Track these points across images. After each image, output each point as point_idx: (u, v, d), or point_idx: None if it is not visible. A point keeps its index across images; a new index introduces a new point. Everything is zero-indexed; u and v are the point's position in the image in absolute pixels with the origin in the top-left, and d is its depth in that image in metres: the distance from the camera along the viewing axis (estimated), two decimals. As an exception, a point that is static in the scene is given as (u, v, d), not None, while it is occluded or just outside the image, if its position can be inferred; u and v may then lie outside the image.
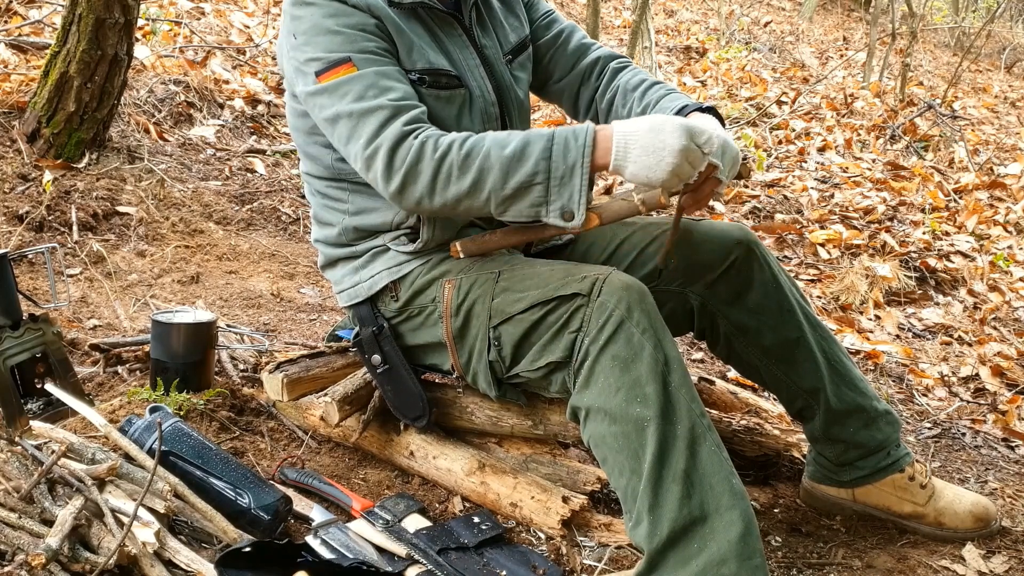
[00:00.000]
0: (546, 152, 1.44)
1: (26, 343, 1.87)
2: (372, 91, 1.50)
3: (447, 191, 1.48)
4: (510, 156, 1.44)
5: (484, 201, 1.48)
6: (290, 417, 2.01)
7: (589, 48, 1.88)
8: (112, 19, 3.23)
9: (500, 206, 1.48)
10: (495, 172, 1.45)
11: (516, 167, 1.44)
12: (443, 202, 1.49)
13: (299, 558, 1.50)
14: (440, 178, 1.47)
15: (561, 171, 1.44)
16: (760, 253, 1.78)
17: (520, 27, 1.83)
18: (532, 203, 1.47)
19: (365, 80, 1.51)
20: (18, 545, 1.36)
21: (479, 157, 1.45)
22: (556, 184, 1.44)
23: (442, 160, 1.46)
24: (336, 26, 1.53)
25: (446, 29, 1.68)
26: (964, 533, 1.83)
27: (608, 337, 1.44)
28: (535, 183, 1.45)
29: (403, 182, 1.49)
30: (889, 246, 3.86)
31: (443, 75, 1.63)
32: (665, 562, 1.38)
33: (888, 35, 8.58)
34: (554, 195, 1.45)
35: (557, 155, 1.44)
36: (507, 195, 1.46)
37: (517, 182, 1.45)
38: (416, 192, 1.49)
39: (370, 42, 1.54)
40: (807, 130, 6.07)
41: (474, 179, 1.46)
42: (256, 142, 4.27)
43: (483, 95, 1.69)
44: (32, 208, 3.02)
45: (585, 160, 1.43)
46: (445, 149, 1.46)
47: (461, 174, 1.46)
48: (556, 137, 1.45)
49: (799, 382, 1.80)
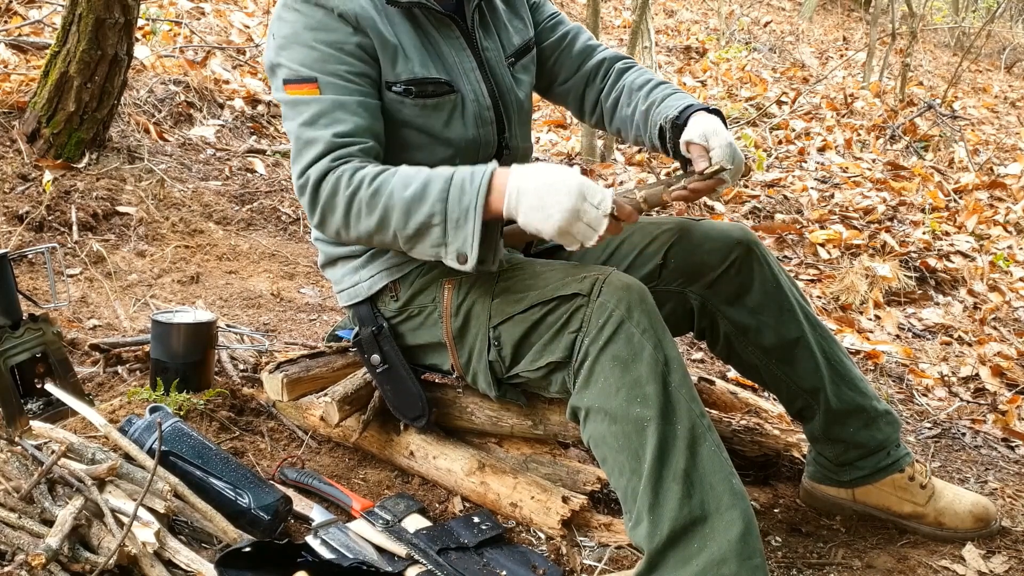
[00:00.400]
0: (443, 194, 1.44)
1: (26, 343, 1.87)
2: (323, 119, 1.52)
3: (359, 226, 1.51)
4: (410, 198, 1.45)
5: (392, 238, 1.50)
6: (290, 417, 2.01)
7: (595, 50, 1.89)
8: (112, 19, 3.23)
9: (406, 244, 1.50)
10: (397, 211, 1.46)
11: (416, 208, 1.45)
12: (358, 235, 1.53)
13: (299, 558, 1.50)
14: (352, 213, 1.50)
15: (456, 214, 1.44)
16: (760, 253, 1.78)
17: (524, 29, 1.82)
18: (432, 243, 1.47)
19: (321, 106, 1.53)
20: (18, 545, 1.36)
21: (384, 196, 1.47)
22: (452, 226, 1.44)
23: (353, 196, 1.49)
24: (313, 41, 1.54)
25: (443, 31, 1.67)
26: (964, 533, 1.83)
27: (608, 337, 1.44)
28: (433, 224, 1.45)
29: (322, 215, 1.53)
30: (889, 246, 3.86)
31: (430, 83, 1.62)
32: (665, 562, 1.38)
33: (888, 35, 8.59)
34: (451, 237, 1.45)
35: (453, 198, 1.44)
36: (409, 234, 1.48)
37: (417, 223, 1.46)
38: (334, 224, 1.53)
39: (342, 64, 1.55)
40: (807, 130, 6.07)
41: (380, 216, 1.48)
42: (256, 142, 4.27)
43: (477, 99, 1.68)
44: (32, 208, 3.02)
45: (478, 204, 1.42)
46: (356, 186, 1.48)
47: (369, 212, 1.48)
48: (455, 179, 1.45)
49: (799, 382, 1.80)
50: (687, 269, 1.78)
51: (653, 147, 1.74)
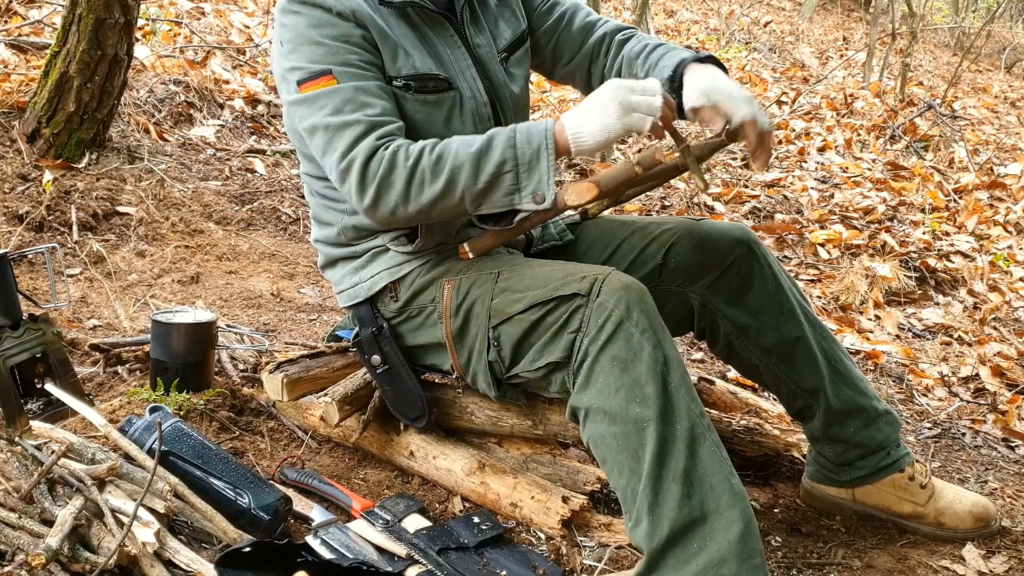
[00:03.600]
0: (511, 141, 1.49)
1: (26, 343, 1.87)
2: (349, 106, 1.52)
3: (422, 196, 1.51)
4: (477, 152, 1.49)
5: (459, 199, 1.51)
6: (290, 417, 2.01)
7: (595, 25, 1.87)
8: (112, 19, 3.23)
9: (474, 201, 1.52)
10: (466, 169, 1.49)
11: (485, 160, 1.49)
12: (418, 207, 1.52)
13: (299, 558, 1.50)
14: (414, 184, 1.50)
15: (528, 156, 1.48)
16: (760, 253, 1.78)
17: (516, 21, 1.82)
18: (505, 192, 1.50)
19: (343, 94, 1.53)
20: (18, 545, 1.36)
21: (449, 158, 1.50)
22: (525, 169, 1.49)
23: (415, 166, 1.50)
24: (320, 37, 1.54)
25: (437, 29, 1.67)
26: (964, 533, 1.83)
27: (607, 337, 1.44)
28: (505, 172, 1.49)
29: (376, 193, 1.52)
30: (889, 246, 3.86)
31: (430, 79, 1.63)
32: (665, 562, 1.38)
33: (888, 35, 8.58)
34: (524, 180, 1.49)
35: (522, 142, 1.49)
36: (480, 189, 1.50)
37: (488, 174, 1.49)
38: (390, 201, 1.52)
39: (352, 54, 1.55)
40: (807, 130, 6.07)
41: (447, 179, 1.49)
42: (256, 142, 4.27)
43: (474, 96, 1.68)
44: (32, 208, 3.02)
45: (548, 142, 1.48)
46: (417, 156, 1.50)
47: (434, 177, 1.49)
48: (519, 128, 1.51)
49: (799, 382, 1.80)
50: (687, 269, 1.78)
51: None
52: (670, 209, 4.20)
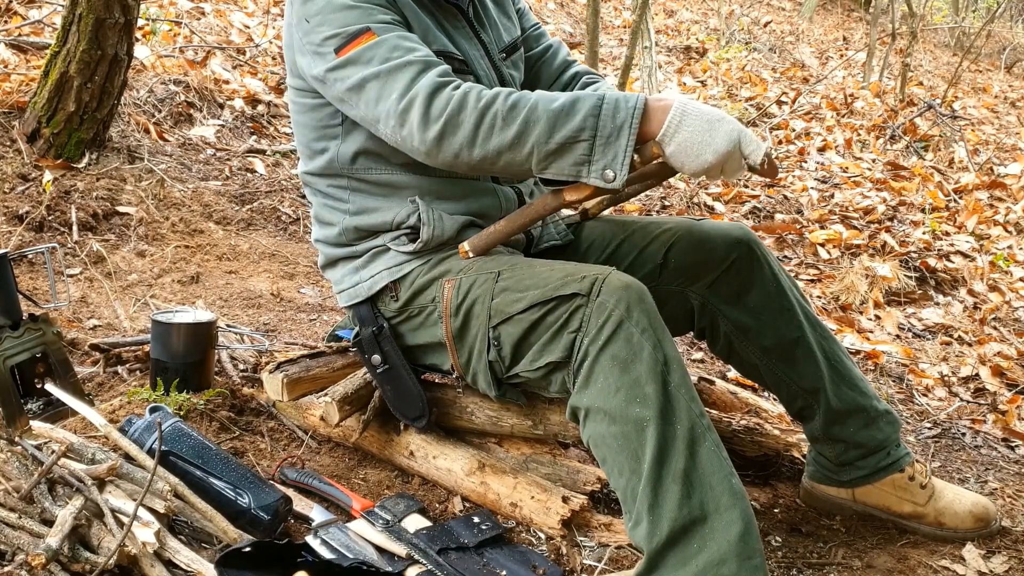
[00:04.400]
0: (596, 110, 1.42)
1: (26, 343, 1.87)
2: (398, 52, 1.48)
3: (489, 142, 1.45)
4: (558, 110, 1.42)
5: (527, 155, 1.44)
6: (290, 417, 2.01)
7: (571, 64, 1.95)
8: (112, 19, 3.23)
9: (542, 162, 1.45)
10: (541, 124, 1.42)
11: (563, 121, 1.42)
12: (483, 154, 1.46)
13: (299, 558, 1.50)
14: (483, 128, 1.44)
15: (609, 129, 1.41)
16: (760, 253, 1.78)
17: (512, 28, 1.86)
18: (575, 160, 1.43)
19: (389, 43, 1.49)
20: (18, 545, 1.36)
21: (526, 109, 1.43)
22: (602, 142, 1.41)
23: (487, 109, 1.44)
24: (351, 1, 1.53)
25: (451, 20, 1.71)
26: (964, 533, 1.83)
27: (607, 337, 1.44)
28: (581, 139, 1.42)
29: (442, 131, 1.45)
30: (889, 246, 3.86)
31: (455, 59, 1.65)
32: (665, 562, 1.38)
33: (888, 35, 8.58)
34: (598, 153, 1.42)
35: (606, 114, 1.42)
36: (551, 150, 1.43)
37: (563, 136, 1.42)
38: (456, 143, 1.46)
39: (386, 14, 1.54)
40: (807, 130, 6.07)
41: (519, 130, 1.43)
42: (256, 142, 4.27)
43: (491, 84, 1.71)
44: (32, 208, 3.02)
45: (634, 122, 1.41)
46: (490, 99, 1.44)
47: (506, 124, 1.43)
48: (607, 97, 1.43)
49: (799, 382, 1.80)
50: (687, 269, 1.78)
51: None
52: (670, 209, 4.20)
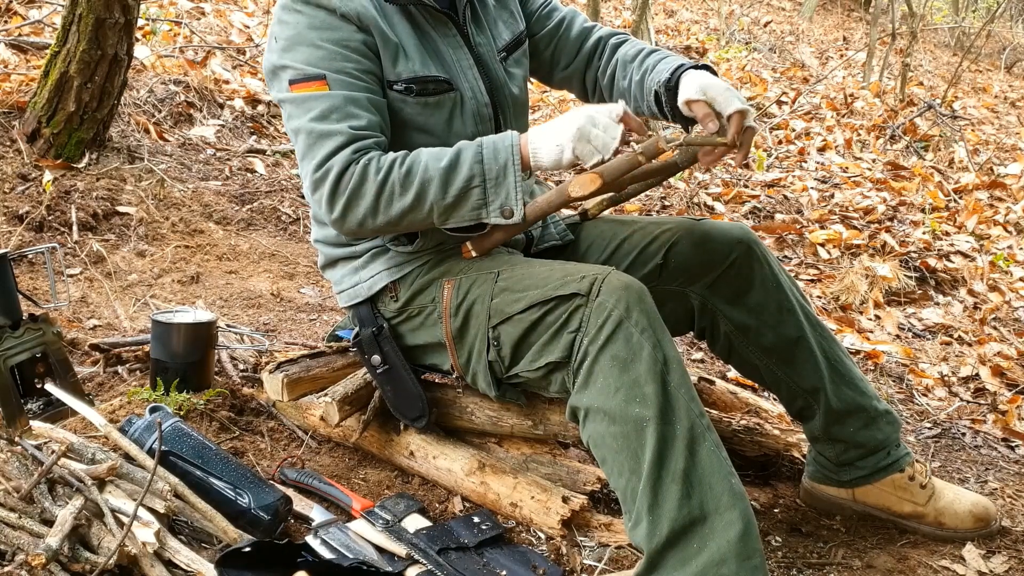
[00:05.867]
0: (478, 157, 1.51)
1: (26, 343, 1.86)
2: (336, 114, 1.53)
3: (391, 208, 1.53)
4: (446, 167, 1.51)
5: (427, 212, 1.53)
6: (290, 417, 2.01)
7: (591, 31, 1.89)
8: (112, 19, 3.23)
9: (443, 215, 1.54)
10: (435, 183, 1.51)
11: (453, 175, 1.51)
12: (387, 220, 1.54)
13: (299, 558, 1.51)
14: (384, 196, 1.52)
15: (495, 171, 1.51)
16: (760, 252, 1.78)
17: (514, 22, 1.82)
18: (472, 206, 1.52)
19: (332, 101, 1.53)
20: (18, 545, 1.36)
21: (419, 172, 1.51)
22: (492, 185, 1.51)
23: (385, 180, 1.51)
24: (319, 40, 1.55)
25: (439, 29, 1.67)
26: (964, 533, 1.83)
27: (607, 337, 1.44)
28: (472, 187, 1.51)
29: (346, 205, 1.54)
30: (889, 246, 3.86)
31: (431, 81, 1.63)
32: (665, 562, 1.38)
33: (888, 35, 8.58)
34: (492, 195, 1.52)
35: (488, 158, 1.51)
36: (448, 203, 1.52)
37: (457, 189, 1.51)
38: (359, 213, 1.54)
39: (348, 62, 1.56)
40: (807, 130, 6.07)
41: (416, 192, 1.51)
42: (256, 142, 4.27)
43: (475, 96, 1.68)
44: (32, 208, 3.02)
45: (515, 157, 1.50)
46: (387, 169, 1.52)
47: (404, 190, 1.51)
48: (485, 143, 1.53)
49: (799, 382, 1.80)
50: (687, 269, 1.78)
51: (652, 115, 1.74)
52: (670, 209, 4.20)
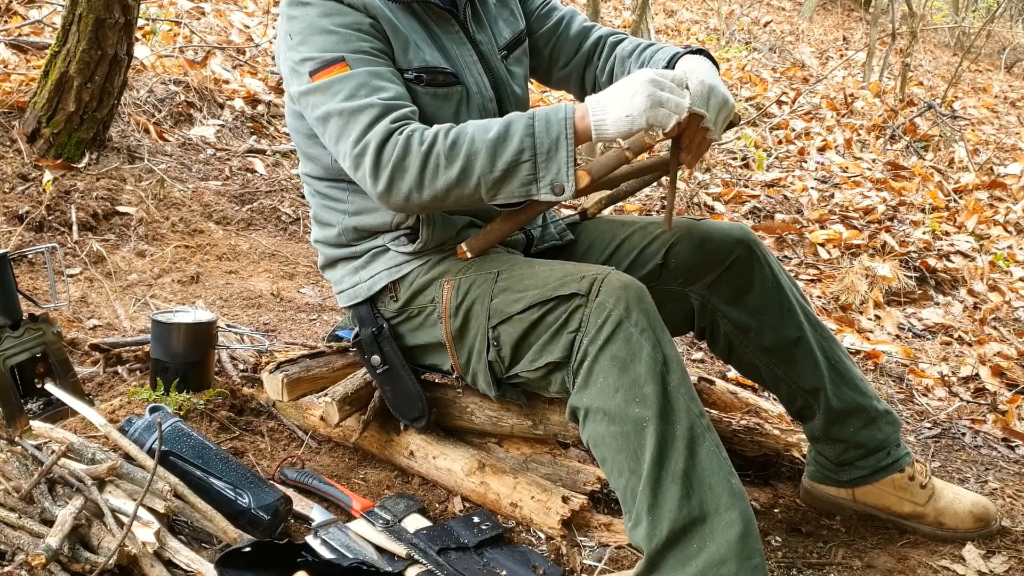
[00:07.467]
0: (529, 129, 1.45)
1: (26, 343, 1.87)
2: (363, 90, 1.50)
3: (436, 182, 1.48)
4: (495, 139, 1.46)
5: (474, 187, 1.48)
6: (290, 417, 2.01)
7: (590, 30, 1.89)
8: (112, 19, 3.23)
9: (491, 190, 1.48)
10: (482, 156, 1.46)
11: (502, 148, 1.45)
12: (432, 194, 1.49)
13: (299, 558, 1.51)
14: (428, 170, 1.47)
15: (547, 145, 1.45)
16: (760, 252, 1.78)
17: (515, 21, 1.83)
18: (522, 182, 1.47)
19: (357, 79, 1.51)
20: (18, 545, 1.36)
21: (465, 144, 1.46)
22: (543, 159, 1.46)
23: (429, 152, 1.47)
24: (331, 25, 1.54)
25: (443, 25, 1.68)
26: (964, 533, 1.83)
27: (607, 337, 1.44)
28: (522, 161, 1.46)
29: (390, 179, 1.49)
30: (889, 246, 3.86)
31: (440, 73, 1.63)
32: (665, 562, 1.38)
33: (888, 35, 8.58)
34: (542, 170, 1.46)
35: (540, 131, 1.45)
36: (496, 177, 1.47)
37: (505, 162, 1.46)
38: (404, 187, 1.49)
39: (364, 42, 1.55)
40: (807, 130, 6.07)
41: (463, 166, 1.46)
42: (256, 142, 4.27)
43: (480, 91, 1.69)
44: (32, 208, 3.02)
45: (568, 131, 1.44)
46: (431, 141, 1.47)
47: (449, 163, 1.47)
48: (537, 115, 1.47)
49: (799, 382, 1.80)
50: (687, 269, 1.78)
51: None
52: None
